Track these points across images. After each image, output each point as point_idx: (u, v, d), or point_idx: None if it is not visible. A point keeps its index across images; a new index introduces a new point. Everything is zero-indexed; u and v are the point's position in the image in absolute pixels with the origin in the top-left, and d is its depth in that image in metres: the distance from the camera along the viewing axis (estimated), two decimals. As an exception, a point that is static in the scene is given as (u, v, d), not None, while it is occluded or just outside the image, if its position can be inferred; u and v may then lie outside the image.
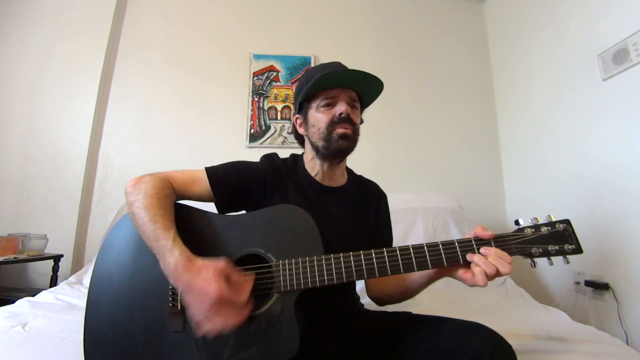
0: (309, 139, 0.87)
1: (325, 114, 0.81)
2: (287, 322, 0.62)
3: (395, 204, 0.99)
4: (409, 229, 1.68)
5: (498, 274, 0.60)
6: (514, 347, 0.60)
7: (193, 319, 0.59)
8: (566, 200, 1.58)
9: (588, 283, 1.42)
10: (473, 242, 0.64)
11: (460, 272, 0.64)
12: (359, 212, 0.88)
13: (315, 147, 0.85)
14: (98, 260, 0.71)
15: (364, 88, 0.85)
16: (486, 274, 0.60)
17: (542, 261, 0.65)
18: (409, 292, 0.78)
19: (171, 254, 0.60)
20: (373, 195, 0.94)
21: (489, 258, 0.61)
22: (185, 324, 0.64)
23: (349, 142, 0.81)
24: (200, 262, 0.60)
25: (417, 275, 0.73)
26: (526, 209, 1.91)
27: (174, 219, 0.68)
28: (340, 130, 0.80)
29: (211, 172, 0.81)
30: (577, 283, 1.49)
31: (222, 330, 0.57)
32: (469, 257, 0.63)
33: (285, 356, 0.59)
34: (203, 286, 0.56)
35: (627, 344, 1.07)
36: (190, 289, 0.58)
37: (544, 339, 0.91)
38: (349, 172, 0.97)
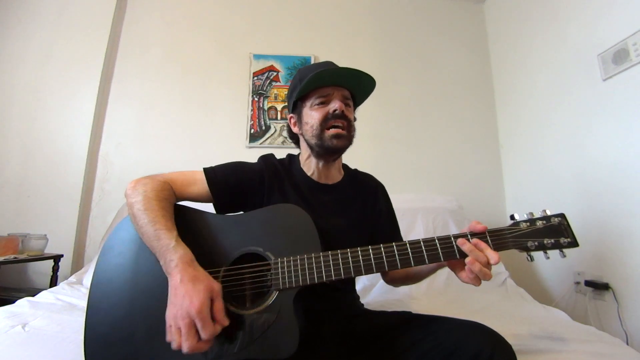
0: (303, 137, 0.87)
1: (318, 112, 0.82)
2: (286, 319, 0.63)
3: (395, 203, 0.99)
4: (409, 228, 1.68)
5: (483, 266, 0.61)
6: (514, 347, 0.60)
7: (166, 318, 0.57)
8: (566, 200, 1.58)
9: (588, 283, 1.42)
10: (469, 236, 0.65)
11: (457, 268, 0.66)
12: (357, 207, 0.88)
13: (309, 146, 0.85)
14: (99, 261, 0.72)
15: (356, 86, 0.85)
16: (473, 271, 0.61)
17: (540, 258, 0.65)
18: (416, 279, 0.84)
19: (174, 252, 0.61)
20: (369, 188, 0.94)
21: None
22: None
23: (343, 140, 0.82)
24: (201, 270, 0.61)
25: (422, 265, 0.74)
26: (526, 208, 1.89)
27: (174, 220, 0.69)
28: (332, 131, 0.80)
29: (209, 173, 0.81)
30: (577, 283, 1.49)
31: (175, 347, 0.55)
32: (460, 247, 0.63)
33: (284, 354, 0.59)
34: (190, 293, 0.56)
35: (627, 344, 1.07)
36: (177, 290, 0.58)
37: (544, 339, 0.91)
38: (345, 167, 0.97)
